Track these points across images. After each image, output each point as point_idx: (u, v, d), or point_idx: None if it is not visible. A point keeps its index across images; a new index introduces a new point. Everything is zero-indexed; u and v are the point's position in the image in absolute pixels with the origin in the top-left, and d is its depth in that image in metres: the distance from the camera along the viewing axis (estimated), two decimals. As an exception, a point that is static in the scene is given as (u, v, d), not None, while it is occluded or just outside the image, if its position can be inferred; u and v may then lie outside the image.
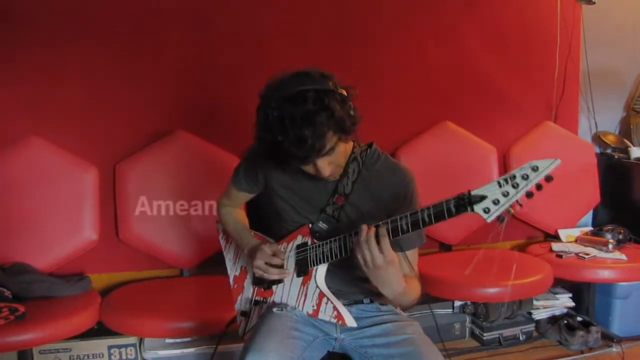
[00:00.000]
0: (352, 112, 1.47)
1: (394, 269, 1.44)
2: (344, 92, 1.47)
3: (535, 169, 1.17)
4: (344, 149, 1.54)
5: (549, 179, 1.18)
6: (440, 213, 1.32)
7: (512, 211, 1.22)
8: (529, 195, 1.19)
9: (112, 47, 2.60)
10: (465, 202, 1.27)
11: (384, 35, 3.02)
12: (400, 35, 3.04)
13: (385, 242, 1.41)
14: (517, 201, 1.21)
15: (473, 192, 1.26)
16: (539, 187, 1.18)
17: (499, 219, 1.23)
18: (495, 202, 1.22)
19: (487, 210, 1.24)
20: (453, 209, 1.30)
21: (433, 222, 1.35)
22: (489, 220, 1.25)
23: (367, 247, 1.41)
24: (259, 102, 1.47)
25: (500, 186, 1.22)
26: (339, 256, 1.55)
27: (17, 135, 2.48)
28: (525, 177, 1.18)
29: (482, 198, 1.24)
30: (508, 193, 1.21)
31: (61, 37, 2.53)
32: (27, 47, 2.49)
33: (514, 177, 1.20)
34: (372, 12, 2.98)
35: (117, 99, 2.63)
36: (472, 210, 1.26)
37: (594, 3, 3.19)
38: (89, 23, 2.57)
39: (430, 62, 3.12)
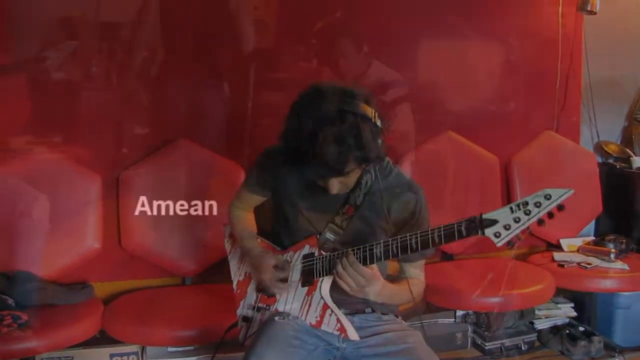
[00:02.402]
0: (379, 145, 1.48)
1: (377, 285, 1.53)
2: (379, 124, 1.48)
3: (548, 197, 1.19)
4: (358, 173, 1.55)
5: (560, 207, 1.20)
6: (450, 234, 1.34)
7: (522, 237, 1.23)
8: (540, 222, 1.21)
9: (116, 56, 2.60)
10: (476, 225, 1.29)
11: (386, 44, 3.00)
12: (401, 46, 3.03)
13: (357, 267, 1.47)
14: (527, 227, 1.22)
15: (484, 216, 1.28)
16: (550, 215, 1.20)
17: (509, 243, 1.25)
18: (507, 227, 1.24)
19: (497, 235, 1.26)
20: (464, 231, 1.32)
21: (443, 242, 1.37)
22: (499, 245, 1.26)
23: (347, 274, 1.49)
24: (298, 99, 1.49)
25: (512, 212, 1.24)
26: None
27: (21, 143, 2.48)
28: (537, 205, 1.20)
29: (494, 222, 1.26)
30: (519, 219, 1.23)
31: (63, 45, 2.52)
32: (30, 55, 2.48)
33: (527, 203, 1.21)
34: (371, 22, 2.96)
35: (120, 108, 2.63)
36: (483, 233, 1.28)
37: (596, 13, 3.18)
38: (92, 30, 2.57)
39: (432, 72, 3.11)
